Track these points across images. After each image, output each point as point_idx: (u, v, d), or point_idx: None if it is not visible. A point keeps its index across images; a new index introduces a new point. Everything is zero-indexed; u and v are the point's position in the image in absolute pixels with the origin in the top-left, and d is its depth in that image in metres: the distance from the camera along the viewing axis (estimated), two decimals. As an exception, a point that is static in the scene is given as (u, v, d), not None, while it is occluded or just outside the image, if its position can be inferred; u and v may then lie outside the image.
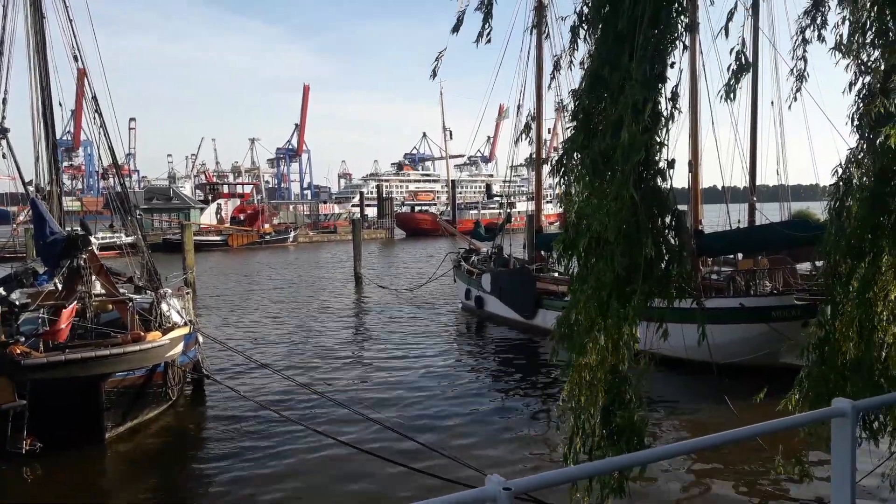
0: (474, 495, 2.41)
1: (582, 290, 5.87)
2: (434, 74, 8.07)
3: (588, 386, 5.98)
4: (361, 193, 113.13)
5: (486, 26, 7.08)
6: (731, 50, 5.89)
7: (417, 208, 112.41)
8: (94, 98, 14.30)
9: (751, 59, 6.54)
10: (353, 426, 12.96)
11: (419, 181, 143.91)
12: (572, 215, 6.05)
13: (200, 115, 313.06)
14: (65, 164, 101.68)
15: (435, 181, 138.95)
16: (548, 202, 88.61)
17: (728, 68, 6.27)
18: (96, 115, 14.29)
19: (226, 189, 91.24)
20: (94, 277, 13.78)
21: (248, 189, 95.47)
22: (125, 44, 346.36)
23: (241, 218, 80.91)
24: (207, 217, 79.37)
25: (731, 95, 6.19)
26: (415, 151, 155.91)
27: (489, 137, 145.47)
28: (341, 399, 14.19)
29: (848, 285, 6.46)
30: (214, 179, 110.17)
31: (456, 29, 7.10)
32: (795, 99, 7.07)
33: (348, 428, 12.85)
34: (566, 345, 5.99)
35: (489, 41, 7.17)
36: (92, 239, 13.74)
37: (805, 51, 6.68)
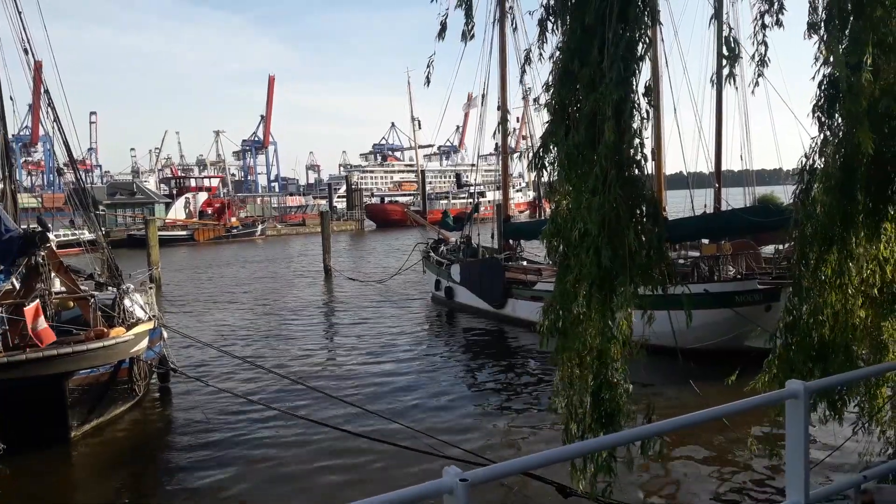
0: (432, 487, 2.41)
1: (568, 281, 5.97)
2: (427, 82, 8.20)
3: (578, 372, 6.08)
4: (330, 185, 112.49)
5: (469, 22, 7.13)
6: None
7: (388, 199, 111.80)
8: (47, 92, 13.95)
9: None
10: (322, 409, 13.10)
11: (403, 171, 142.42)
12: (561, 207, 6.13)
13: (164, 108, 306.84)
14: (23, 159, 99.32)
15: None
16: (517, 191, 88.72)
17: (720, 55, 6.33)
18: (50, 109, 13.94)
19: (193, 183, 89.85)
20: (53, 275, 13.51)
21: (215, 182, 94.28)
22: (85, 36, 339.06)
23: (210, 212, 79.95)
24: (176, 211, 78.39)
25: (727, 82, 6.28)
26: (384, 142, 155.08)
27: (458, 127, 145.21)
28: (312, 385, 14.22)
29: (816, 272, 6.58)
30: (179, 173, 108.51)
31: (441, 35, 7.15)
32: (758, 84, 7.13)
33: (318, 411, 12.98)
34: (555, 335, 6.08)
35: (472, 37, 7.23)
36: (50, 236, 13.46)
37: (765, 35, 6.74)
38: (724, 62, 6.37)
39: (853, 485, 3.63)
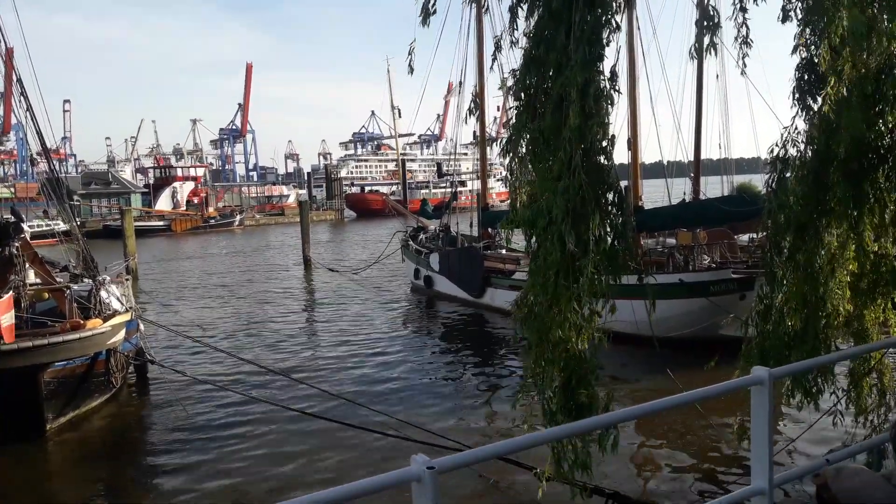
0: (399, 475, 2.44)
1: (536, 270, 5.98)
2: (411, 70, 8.19)
3: (548, 363, 6.09)
4: (309, 175, 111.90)
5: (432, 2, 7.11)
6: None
7: (368, 188, 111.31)
8: (20, 80, 13.74)
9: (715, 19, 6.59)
10: (299, 398, 13.14)
11: (398, 160, 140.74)
12: (522, 194, 6.13)
13: (138, 97, 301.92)
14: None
15: (412, 160, 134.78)
16: (498, 180, 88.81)
17: (697, 23, 6.39)
18: (22, 98, 13.73)
19: (179, 172, 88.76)
20: (28, 266, 13.34)
21: (200, 172, 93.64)
22: (55, 23, 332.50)
23: (195, 201, 79.56)
24: (164, 201, 77.98)
25: (707, 52, 6.28)
26: (363, 130, 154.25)
27: (439, 115, 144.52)
28: (291, 374, 14.24)
29: (790, 260, 6.66)
30: (164, 163, 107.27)
31: (424, 21, 7.14)
32: (745, 64, 7.18)
33: (295, 400, 13.02)
34: (526, 324, 6.09)
35: (435, 12, 7.19)
36: (24, 226, 13.28)
37: (745, 17, 6.81)
38: (705, 32, 6.39)
39: (816, 468, 3.72)
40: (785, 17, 6.73)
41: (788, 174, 6.66)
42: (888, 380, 7.10)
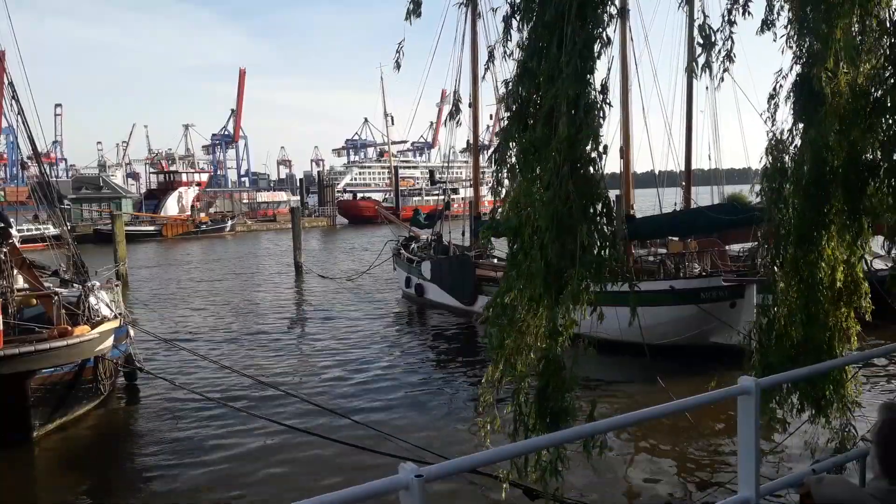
0: (387, 484, 2.43)
1: (515, 276, 5.97)
2: (398, 66, 8.20)
3: (517, 368, 6.08)
4: (301, 181, 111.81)
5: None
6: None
7: (360, 195, 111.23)
8: (11, 84, 13.67)
9: (712, 37, 6.66)
10: (287, 409, 13.05)
11: (400, 167, 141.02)
12: (506, 204, 6.15)
13: (131, 102, 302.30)
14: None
15: (414, 167, 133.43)
16: (491, 188, 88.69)
17: (696, 43, 6.39)
18: (13, 101, 13.66)
19: (184, 178, 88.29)
20: (16, 271, 13.25)
21: (204, 177, 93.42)
22: (48, 27, 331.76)
23: (199, 206, 79.50)
24: (171, 206, 77.98)
25: (703, 71, 6.36)
26: (356, 137, 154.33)
27: (432, 123, 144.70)
28: (280, 385, 14.15)
29: (791, 272, 6.68)
30: (151, 167, 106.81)
31: (408, 16, 7.16)
32: (723, 79, 7.21)
33: (283, 410, 12.92)
34: (497, 327, 6.08)
35: (419, 16, 7.21)
36: (12, 231, 13.19)
37: (732, 31, 6.86)
38: (700, 51, 6.45)
39: (801, 478, 3.72)
40: (764, 28, 6.81)
41: (787, 185, 6.69)
42: (848, 390, 7.10)
